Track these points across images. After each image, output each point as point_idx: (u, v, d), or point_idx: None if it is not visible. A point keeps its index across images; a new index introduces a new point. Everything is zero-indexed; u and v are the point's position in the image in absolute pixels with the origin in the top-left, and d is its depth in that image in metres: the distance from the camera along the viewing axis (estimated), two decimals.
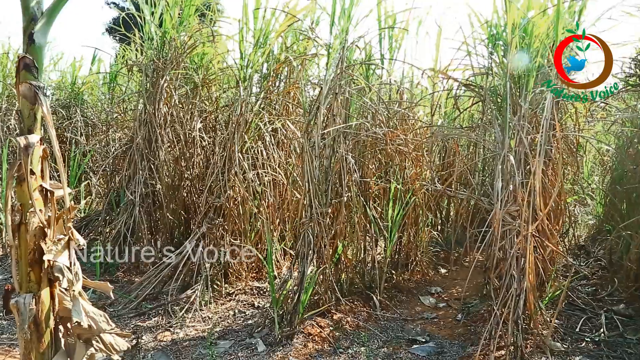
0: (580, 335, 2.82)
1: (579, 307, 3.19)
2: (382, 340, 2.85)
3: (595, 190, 5.29)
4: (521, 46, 2.62)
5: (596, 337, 2.79)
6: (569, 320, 3.03)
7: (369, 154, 3.38)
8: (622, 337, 2.80)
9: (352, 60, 3.25)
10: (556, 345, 2.66)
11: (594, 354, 2.61)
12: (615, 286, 3.45)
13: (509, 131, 2.44)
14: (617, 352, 2.63)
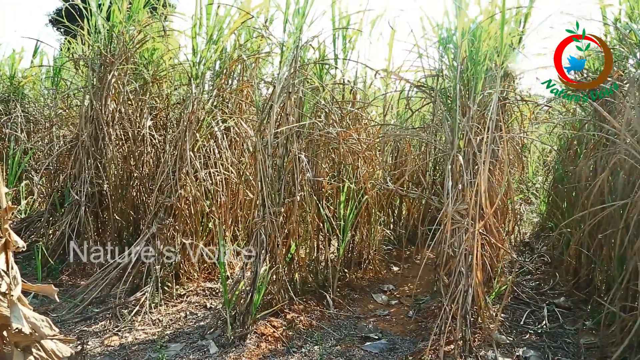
0: (524, 328, 2.95)
1: (524, 301, 3.33)
2: (335, 338, 2.87)
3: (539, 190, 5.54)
4: (470, 50, 2.69)
5: (539, 329, 2.92)
6: (514, 314, 3.15)
7: (322, 153, 3.39)
8: (562, 328, 2.94)
9: (306, 60, 3.25)
10: (502, 338, 2.76)
11: (536, 345, 2.73)
12: (556, 280, 3.62)
13: (458, 132, 2.50)
14: (558, 342, 2.76)
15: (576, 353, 2.63)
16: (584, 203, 3.04)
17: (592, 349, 2.65)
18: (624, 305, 2.49)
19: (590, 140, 3.34)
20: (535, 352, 2.63)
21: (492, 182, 2.71)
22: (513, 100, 3.35)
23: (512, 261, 3.54)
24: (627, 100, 2.68)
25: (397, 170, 4.05)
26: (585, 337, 2.78)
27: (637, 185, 2.42)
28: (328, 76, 3.62)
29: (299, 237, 3.15)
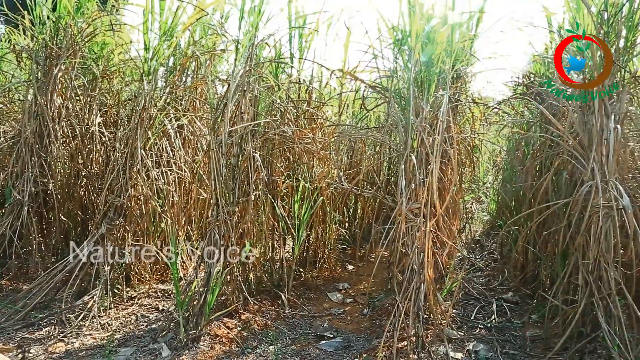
0: (474, 323, 3.03)
1: (474, 296, 3.43)
2: (290, 338, 2.86)
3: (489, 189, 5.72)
4: (425, 53, 2.74)
5: (488, 324, 3.02)
6: (465, 309, 3.24)
7: (278, 152, 3.37)
8: (510, 322, 3.05)
9: (262, 58, 3.23)
10: (453, 333, 2.84)
11: (486, 339, 2.81)
12: (505, 276, 3.75)
13: (411, 132, 2.55)
14: (506, 335, 2.86)
15: (522, 345, 2.73)
16: (530, 202, 3.16)
17: (537, 340, 2.76)
18: (566, 299, 2.60)
19: (536, 141, 3.47)
20: (485, 346, 2.72)
21: (444, 181, 2.78)
22: (465, 102, 3.44)
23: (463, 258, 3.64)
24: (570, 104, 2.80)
25: (352, 169, 4.08)
26: (531, 329, 2.90)
27: (578, 185, 2.54)
28: (284, 75, 3.61)
29: (253, 236, 3.12)
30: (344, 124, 4.02)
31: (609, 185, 2.35)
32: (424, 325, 2.59)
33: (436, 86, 2.68)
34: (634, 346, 2.26)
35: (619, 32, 2.57)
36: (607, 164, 2.38)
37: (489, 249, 4.55)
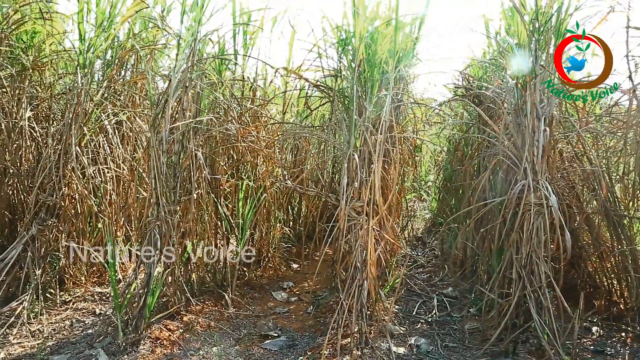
0: (416, 318, 3.11)
1: (416, 292, 3.52)
2: (234, 338, 2.82)
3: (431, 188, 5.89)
4: (368, 52, 2.78)
5: (429, 318, 3.11)
6: (407, 305, 3.32)
7: (221, 150, 3.32)
8: (449, 316, 3.16)
9: (205, 54, 3.16)
10: (396, 328, 2.90)
11: (427, 333, 2.90)
12: (445, 272, 3.88)
13: (354, 131, 2.58)
14: (446, 329, 2.96)
15: (461, 338, 2.84)
16: (469, 200, 3.28)
17: (475, 333, 2.87)
18: (501, 292, 2.72)
19: (474, 142, 3.61)
20: (426, 340, 2.80)
21: (387, 180, 2.83)
22: (407, 103, 3.52)
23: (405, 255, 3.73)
24: (505, 106, 2.93)
25: (296, 168, 4.08)
26: (470, 322, 3.01)
27: (512, 184, 2.66)
28: (228, 72, 3.55)
29: (196, 236, 3.05)
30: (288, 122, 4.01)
31: (540, 184, 2.47)
32: (367, 321, 2.63)
33: (379, 86, 2.73)
34: (561, 334, 2.40)
35: (549, 40, 2.72)
36: (538, 164, 2.51)
37: (431, 246, 4.69)
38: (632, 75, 2.84)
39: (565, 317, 2.43)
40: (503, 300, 2.66)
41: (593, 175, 3.02)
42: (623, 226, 2.98)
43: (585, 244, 3.21)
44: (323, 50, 3.27)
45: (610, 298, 3.09)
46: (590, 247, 3.19)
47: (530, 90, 2.58)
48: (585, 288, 3.18)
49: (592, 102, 3.94)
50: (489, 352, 2.59)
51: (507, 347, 2.54)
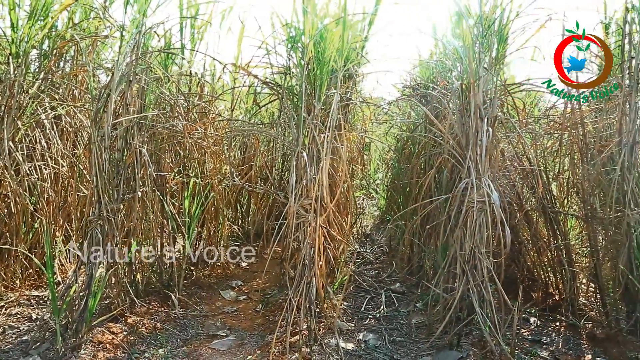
0: (365, 314, 3.16)
1: (365, 288, 3.57)
2: (181, 339, 2.76)
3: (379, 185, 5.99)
4: (317, 50, 2.79)
5: (377, 314, 3.16)
6: (355, 301, 3.36)
7: (167, 147, 3.23)
8: (397, 311, 3.22)
9: (150, 47, 3.06)
10: (345, 324, 2.93)
11: (375, 328, 2.94)
12: (393, 268, 3.95)
13: (303, 129, 2.58)
14: (393, 324, 3.01)
15: (408, 332, 2.90)
16: (415, 197, 3.35)
17: (422, 327, 2.94)
18: (446, 287, 2.80)
19: (421, 141, 3.70)
20: (374, 335, 2.84)
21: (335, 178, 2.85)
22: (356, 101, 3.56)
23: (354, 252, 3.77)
24: (451, 107, 3.02)
25: (245, 165, 4.03)
26: (416, 317, 3.08)
27: (457, 181, 2.75)
28: (174, 67, 3.46)
29: (140, 235, 2.96)
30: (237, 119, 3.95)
31: (483, 182, 2.57)
32: (316, 318, 2.64)
33: (328, 84, 2.74)
34: (501, 326, 2.50)
35: (492, 44, 2.82)
36: (481, 163, 2.60)
37: (379, 243, 4.76)
38: None
39: (505, 309, 2.53)
40: (448, 294, 2.74)
41: (532, 174, 3.16)
42: (559, 222, 3.14)
43: (524, 239, 3.36)
44: (272, 47, 3.24)
45: (546, 290, 3.25)
46: (529, 242, 3.34)
47: (474, 91, 2.67)
48: (524, 281, 3.33)
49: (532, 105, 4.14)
50: (434, 345, 2.67)
51: (451, 340, 2.62)
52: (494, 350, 2.43)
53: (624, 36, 2.76)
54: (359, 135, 3.71)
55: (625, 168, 2.67)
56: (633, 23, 2.72)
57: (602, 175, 2.87)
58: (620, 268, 2.67)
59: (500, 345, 2.42)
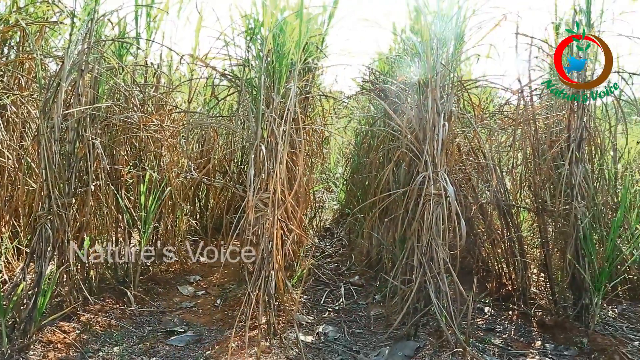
0: (324, 307, 3.18)
1: (324, 282, 3.58)
2: (137, 336, 2.70)
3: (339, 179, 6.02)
4: (276, 43, 2.76)
5: (337, 306, 3.18)
6: (315, 295, 3.37)
7: (122, 139, 3.13)
8: (356, 303, 3.25)
9: (104, 36, 2.95)
10: (304, 318, 2.94)
11: (334, 321, 2.96)
12: (352, 261, 3.99)
13: (262, 122, 2.56)
14: (352, 316, 3.05)
15: (367, 324, 2.94)
16: (374, 191, 3.39)
17: (380, 318, 2.99)
18: (404, 279, 2.85)
19: (380, 135, 3.73)
20: (334, 328, 2.86)
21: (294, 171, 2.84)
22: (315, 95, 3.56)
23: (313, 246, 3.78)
24: (409, 101, 3.06)
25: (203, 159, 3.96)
26: (375, 309, 3.12)
27: (414, 175, 2.79)
28: (129, 57, 3.35)
29: (94, 230, 2.87)
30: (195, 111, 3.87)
31: (439, 176, 2.62)
32: (276, 312, 2.64)
33: (287, 77, 2.72)
34: (457, 316, 2.57)
35: (449, 41, 2.87)
36: (437, 157, 2.65)
37: (338, 236, 4.79)
38: (520, 77, 3.09)
39: (461, 299, 2.60)
40: (405, 286, 2.79)
41: (486, 169, 3.25)
42: (512, 215, 3.24)
43: (479, 231, 3.45)
44: (231, 38, 3.19)
45: (500, 280, 3.35)
46: (484, 234, 3.44)
47: (431, 87, 2.71)
48: (479, 272, 3.44)
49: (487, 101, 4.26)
50: (392, 336, 2.71)
51: (409, 331, 2.67)
52: (450, 340, 2.50)
53: None
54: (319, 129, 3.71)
55: (573, 163, 2.79)
56: (580, 24, 2.83)
57: (552, 170, 2.98)
58: (568, 258, 2.79)
59: (456, 335, 2.48)
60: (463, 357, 2.42)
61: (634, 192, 3.44)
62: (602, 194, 3.12)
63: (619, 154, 3.34)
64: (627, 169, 3.63)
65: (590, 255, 2.72)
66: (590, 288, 2.68)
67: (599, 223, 2.99)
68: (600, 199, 3.07)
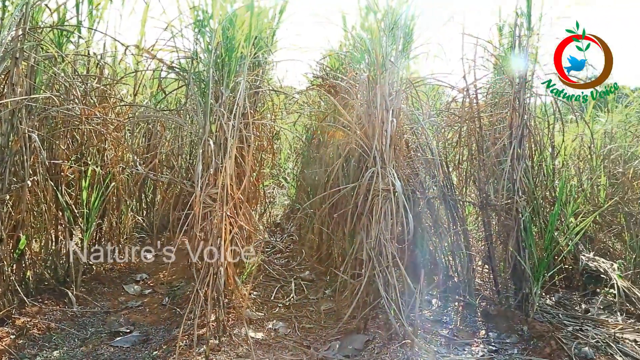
0: (274, 302, 3.17)
1: (275, 277, 3.57)
2: (80, 339, 2.59)
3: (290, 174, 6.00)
4: (225, 36, 2.71)
5: (287, 302, 3.18)
6: (265, 291, 3.36)
7: (62, 133, 2.99)
8: (306, 298, 3.27)
9: (41, 22, 2.80)
10: (254, 314, 2.92)
11: (285, 317, 2.96)
12: (302, 257, 3.99)
13: (210, 116, 2.50)
14: (303, 311, 3.05)
15: (318, 319, 2.95)
16: (324, 186, 3.40)
17: (330, 313, 3.01)
18: (353, 273, 2.88)
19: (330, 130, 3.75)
20: (284, 323, 2.86)
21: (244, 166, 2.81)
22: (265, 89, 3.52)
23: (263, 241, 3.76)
24: (359, 97, 3.08)
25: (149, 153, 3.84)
26: (325, 303, 3.14)
27: (364, 171, 2.82)
28: (70, 46, 3.20)
29: (31, 228, 2.72)
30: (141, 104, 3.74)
31: (387, 172, 2.66)
32: (225, 309, 2.60)
33: (237, 71, 2.68)
34: (405, 308, 2.62)
35: (398, 39, 2.92)
36: (386, 153, 2.69)
37: (289, 232, 4.79)
38: (466, 76, 3.19)
39: (409, 292, 2.66)
40: (355, 280, 2.82)
41: (434, 164, 3.33)
42: (457, 209, 3.34)
43: (426, 225, 3.54)
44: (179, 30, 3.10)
45: (447, 273, 3.45)
46: (431, 228, 3.53)
47: (380, 83, 2.75)
48: (427, 265, 3.52)
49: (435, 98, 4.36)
50: (342, 330, 2.74)
51: (358, 324, 2.71)
52: (398, 332, 2.55)
53: (515, 38, 2.98)
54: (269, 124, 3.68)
55: (515, 159, 2.90)
56: (522, 27, 2.95)
57: (495, 166, 3.09)
58: (509, 250, 2.91)
59: (404, 327, 2.54)
60: (411, 348, 2.48)
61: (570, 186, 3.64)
62: (541, 189, 3.28)
63: (556, 150, 3.51)
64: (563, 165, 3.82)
65: (530, 247, 2.85)
66: (530, 278, 2.81)
67: (538, 216, 3.13)
68: (540, 193, 3.22)
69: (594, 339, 2.61)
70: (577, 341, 2.57)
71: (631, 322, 2.93)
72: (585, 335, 2.66)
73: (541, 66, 3.03)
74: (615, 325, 2.85)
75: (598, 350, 2.53)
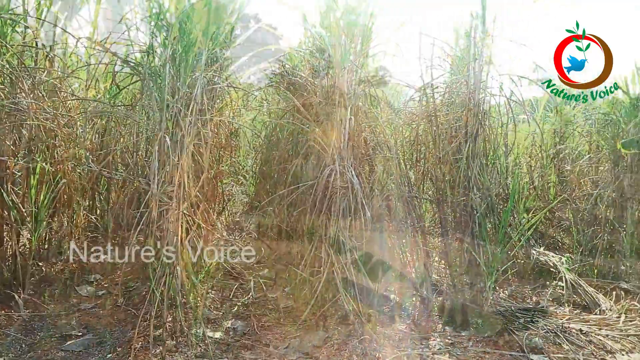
0: (233, 301, 3.14)
1: (233, 276, 3.53)
2: (27, 344, 2.49)
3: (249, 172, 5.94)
4: (183, 31, 2.65)
5: (246, 301, 3.16)
6: (224, 290, 3.31)
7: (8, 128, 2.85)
8: (266, 296, 3.25)
9: None
10: (212, 313, 2.89)
11: (244, 315, 2.94)
12: (262, 254, 3.96)
13: (167, 112, 2.45)
14: (262, 310, 3.04)
15: (277, 317, 2.94)
16: (283, 183, 3.39)
17: (290, 311, 3.01)
18: (312, 271, 2.89)
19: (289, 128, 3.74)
20: (243, 322, 2.84)
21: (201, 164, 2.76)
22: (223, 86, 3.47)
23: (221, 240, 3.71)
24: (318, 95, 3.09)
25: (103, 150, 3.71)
26: (284, 301, 3.14)
27: (322, 168, 2.83)
28: (16, 36, 3.05)
29: None
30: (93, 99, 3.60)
31: (346, 169, 2.68)
32: (182, 309, 2.56)
33: (194, 67, 2.63)
34: (364, 305, 2.65)
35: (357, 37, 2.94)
36: (344, 150, 2.71)
37: (248, 229, 4.74)
38: (423, 75, 3.25)
39: (367, 289, 2.69)
40: (314, 278, 2.83)
41: (392, 162, 3.37)
42: (415, 206, 3.40)
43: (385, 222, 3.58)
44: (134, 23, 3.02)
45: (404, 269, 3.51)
46: (390, 225, 3.57)
47: (339, 81, 2.76)
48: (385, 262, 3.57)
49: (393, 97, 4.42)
50: (302, 327, 2.74)
51: (317, 321, 2.72)
52: (357, 328, 2.58)
53: (470, 40, 3.06)
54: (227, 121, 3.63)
55: (470, 157, 2.98)
56: (477, 29, 3.03)
57: (451, 164, 3.17)
58: (465, 246, 2.99)
59: (363, 323, 2.57)
60: (369, 343, 2.51)
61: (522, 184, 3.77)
62: (495, 186, 3.38)
63: (509, 149, 3.63)
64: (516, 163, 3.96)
65: (484, 242, 2.94)
66: (484, 272, 2.89)
67: (492, 212, 3.23)
68: (494, 190, 3.32)
69: (544, 329, 2.72)
70: (529, 332, 2.68)
71: (577, 313, 3.07)
72: (536, 326, 2.77)
73: (495, 67, 3.12)
74: (563, 315, 2.98)
75: (547, 340, 2.64)
